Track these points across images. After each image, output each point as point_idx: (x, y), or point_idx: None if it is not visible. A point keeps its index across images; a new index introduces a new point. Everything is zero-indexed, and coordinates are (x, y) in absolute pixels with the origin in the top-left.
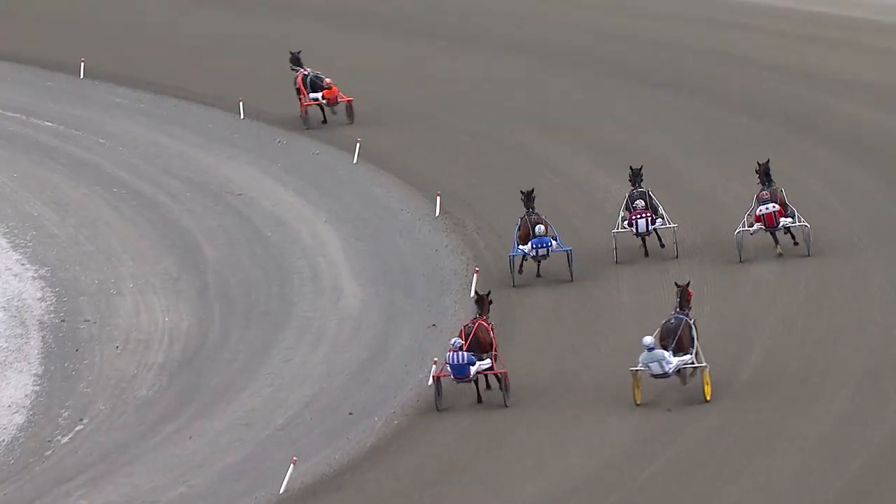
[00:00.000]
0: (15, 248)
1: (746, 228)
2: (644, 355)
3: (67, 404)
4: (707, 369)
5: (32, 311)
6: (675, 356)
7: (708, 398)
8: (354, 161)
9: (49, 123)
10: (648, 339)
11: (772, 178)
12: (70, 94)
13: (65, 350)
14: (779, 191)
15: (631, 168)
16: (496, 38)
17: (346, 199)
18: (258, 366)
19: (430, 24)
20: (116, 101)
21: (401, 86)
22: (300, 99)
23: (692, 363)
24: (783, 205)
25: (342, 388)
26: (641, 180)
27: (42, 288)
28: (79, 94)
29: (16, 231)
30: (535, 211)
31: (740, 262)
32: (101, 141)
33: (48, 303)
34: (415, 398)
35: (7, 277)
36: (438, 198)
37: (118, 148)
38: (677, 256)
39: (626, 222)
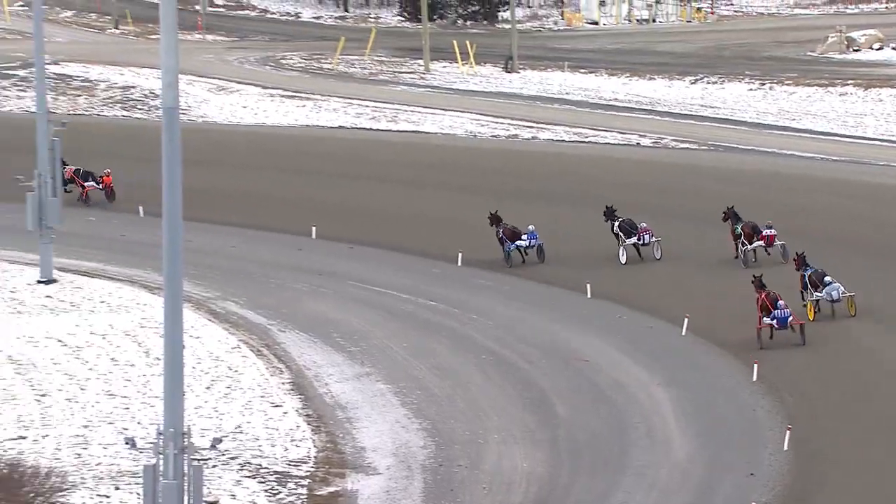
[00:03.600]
0: (404, 404)
1: (750, 247)
2: (828, 287)
3: None
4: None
5: (416, 457)
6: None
7: (853, 314)
8: (683, 333)
9: (432, 302)
10: (829, 277)
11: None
12: (449, 279)
13: (441, 490)
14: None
15: (606, 206)
16: None
17: (675, 365)
18: None
19: None
20: (485, 284)
21: None
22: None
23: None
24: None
25: None
26: (616, 212)
27: (424, 437)
28: (456, 279)
29: (405, 391)
30: (504, 223)
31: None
32: (473, 316)
33: (429, 450)
34: None
35: (397, 429)
36: (756, 365)
37: (486, 322)
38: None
39: (635, 237)
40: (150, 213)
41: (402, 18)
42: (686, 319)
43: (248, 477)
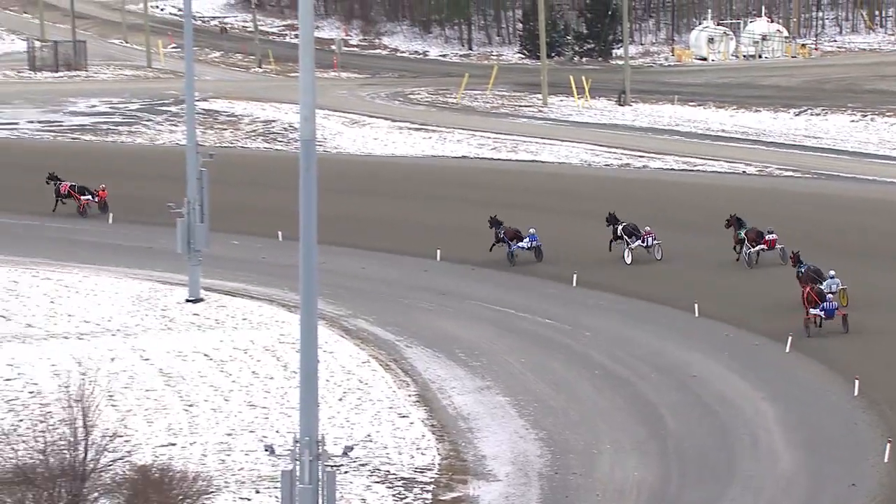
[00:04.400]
0: (521, 416)
1: (753, 249)
2: (828, 281)
3: None
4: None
5: (533, 465)
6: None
7: (845, 304)
8: (787, 350)
9: (548, 321)
10: (832, 272)
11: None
12: (563, 299)
13: (557, 496)
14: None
15: (609, 213)
16: None
17: (778, 380)
18: None
19: None
20: (598, 303)
21: None
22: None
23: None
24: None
25: None
26: (617, 218)
27: (541, 447)
28: (570, 299)
29: (522, 403)
30: (505, 224)
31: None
32: (586, 333)
33: (545, 459)
34: None
35: (515, 439)
36: (857, 381)
37: (598, 339)
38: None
39: (639, 240)
40: (288, 238)
41: (522, 56)
42: (790, 338)
43: (378, 482)
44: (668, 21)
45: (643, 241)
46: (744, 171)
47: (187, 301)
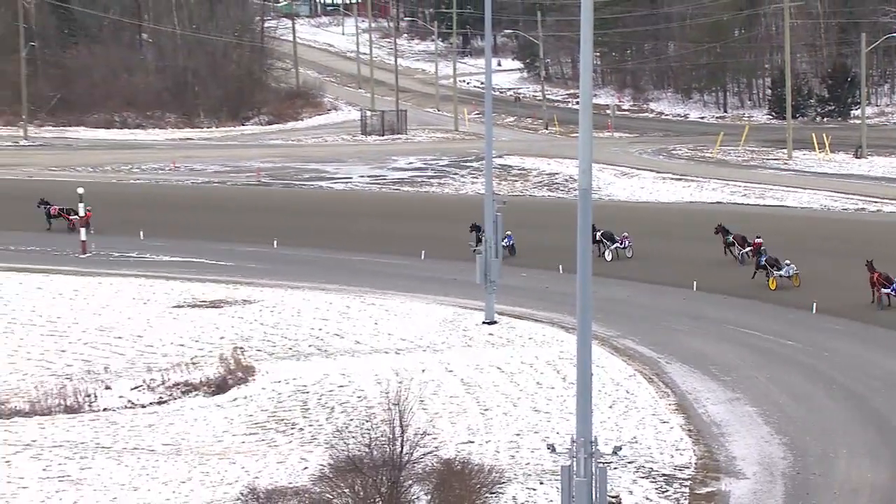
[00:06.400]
0: (767, 423)
1: (744, 250)
2: (785, 268)
3: None
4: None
5: (777, 466)
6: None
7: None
8: None
9: (790, 342)
10: (788, 261)
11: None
12: (805, 324)
13: (798, 493)
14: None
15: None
16: None
17: None
18: None
19: None
20: (834, 328)
21: None
22: None
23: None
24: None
25: None
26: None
27: (784, 451)
28: (810, 324)
29: (767, 413)
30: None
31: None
32: (825, 354)
33: (788, 461)
34: None
35: (761, 443)
36: None
37: (834, 358)
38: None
39: (617, 242)
40: (567, 270)
41: (771, 116)
42: None
43: (642, 477)
44: None
45: (622, 244)
46: None
47: (484, 323)
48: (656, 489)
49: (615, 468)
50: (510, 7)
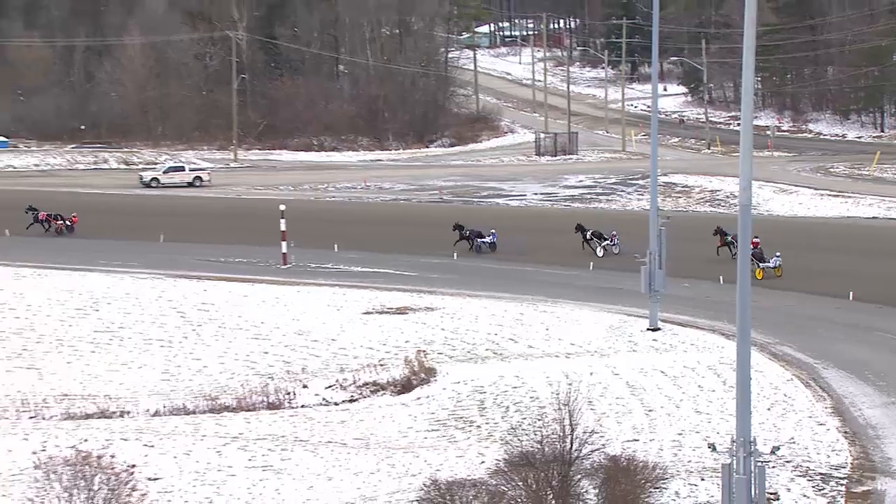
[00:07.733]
0: None
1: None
2: (773, 260)
3: None
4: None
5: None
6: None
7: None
8: None
9: None
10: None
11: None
12: None
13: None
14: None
15: (577, 224)
16: None
17: None
18: None
19: None
20: None
21: None
22: None
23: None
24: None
25: None
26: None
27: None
28: None
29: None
30: (469, 228)
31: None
32: None
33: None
34: None
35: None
36: None
37: None
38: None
39: (607, 241)
40: (728, 281)
41: None
42: None
43: (799, 476)
44: None
45: (612, 241)
46: None
47: (648, 330)
48: (813, 487)
49: (773, 467)
50: (676, 36)
